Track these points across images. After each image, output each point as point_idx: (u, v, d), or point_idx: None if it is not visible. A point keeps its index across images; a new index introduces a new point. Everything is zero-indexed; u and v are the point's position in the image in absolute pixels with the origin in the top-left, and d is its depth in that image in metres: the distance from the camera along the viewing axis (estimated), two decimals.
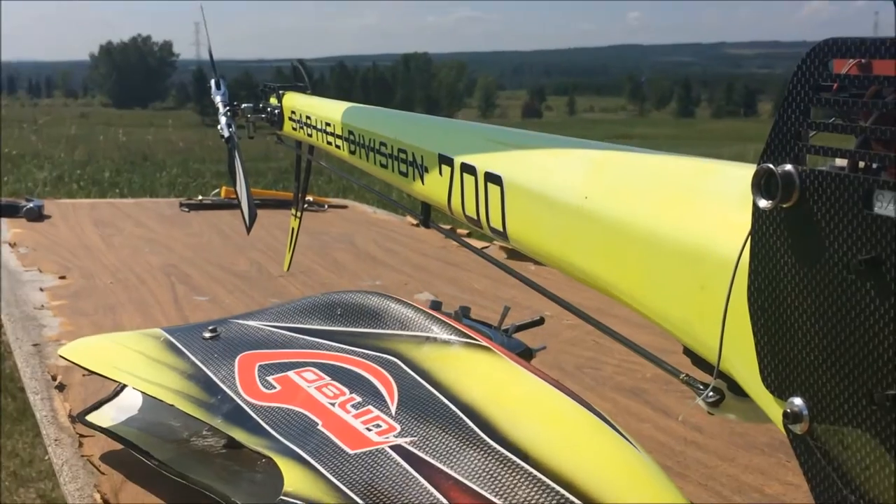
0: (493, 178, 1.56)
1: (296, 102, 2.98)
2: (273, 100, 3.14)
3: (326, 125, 2.58)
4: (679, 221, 1.11)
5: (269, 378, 1.78)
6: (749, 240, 0.96)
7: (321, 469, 1.44)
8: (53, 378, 2.68)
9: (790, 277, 0.91)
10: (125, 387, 2.17)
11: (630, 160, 1.32)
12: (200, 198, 6.89)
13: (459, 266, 4.58)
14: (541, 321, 2.32)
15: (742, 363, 1.01)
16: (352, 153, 2.34)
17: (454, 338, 1.65)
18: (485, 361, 1.57)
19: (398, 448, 1.41)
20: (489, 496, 1.26)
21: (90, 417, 2.15)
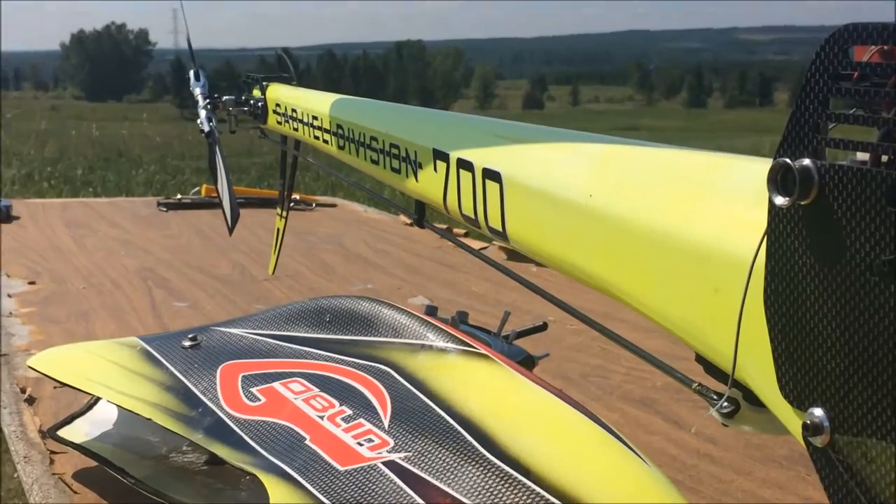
0: (492, 175, 1.56)
1: (280, 94, 2.98)
2: (256, 92, 3.14)
3: (313, 118, 2.58)
4: (690, 220, 1.11)
5: (254, 390, 1.78)
6: (765, 239, 0.96)
7: (309, 487, 1.44)
8: (22, 391, 2.68)
9: (809, 279, 0.90)
10: (99, 400, 2.16)
11: (637, 155, 1.32)
12: (179, 196, 6.88)
13: (456, 268, 4.58)
14: (543, 327, 2.32)
15: (758, 371, 1.00)
16: (340, 148, 2.34)
17: (451, 345, 1.65)
18: (484, 371, 1.56)
19: (391, 464, 1.41)
20: None
21: (62, 433, 2.15)
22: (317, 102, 2.61)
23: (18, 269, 4.36)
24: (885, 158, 0.83)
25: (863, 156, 0.86)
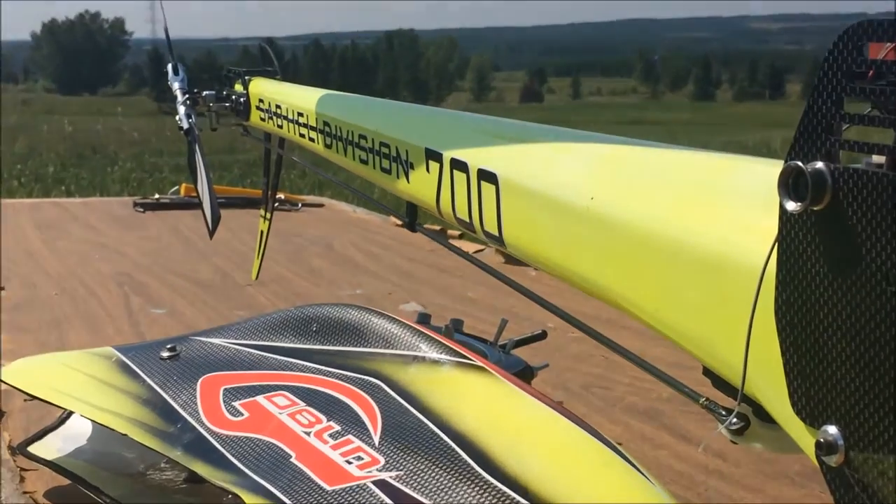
0: (488, 176, 1.55)
1: (264, 89, 2.97)
2: (238, 86, 3.14)
3: (299, 115, 2.57)
4: (697, 225, 1.11)
5: (236, 404, 1.78)
6: (776, 246, 0.96)
7: None
8: None
9: (822, 290, 0.90)
10: (72, 414, 2.16)
11: (641, 156, 1.32)
12: (157, 196, 6.89)
13: (451, 272, 4.58)
14: (543, 335, 2.32)
15: (769, 386, 1.00)
16: (328, 147, 2.34)
17: (445, 357, 1.65)
18: (479, 384, 1.56)
19: (382, 483, 1.41)
20: None
21: (33, 448, 2.14)
22: (302, 98, 2.61)
23: None
24: None
25: (879, 158, 0.86)
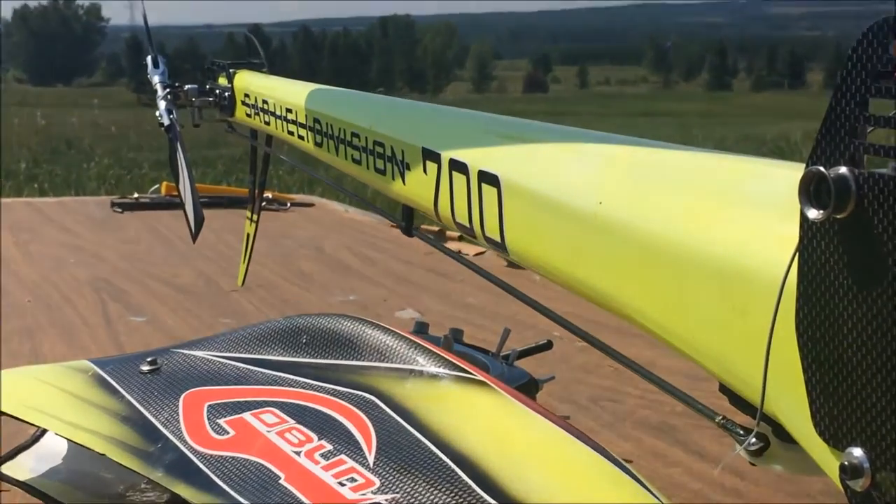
0: (489, 178, 1.56)
1: (250, 83, 2.97)
2: (222, 80, 3.14)
3: (287, 111, 2.58)
4: (712, 232, 1.11)
5: (221, 421, 1.78)
6: (796, 256, 0.96)
7: None
8: None
9: (846, 302, 0.91)
10: (46, 432, 2.16)
11: (653, 157, 1.32)
12: (136, 195, 6.89)
13: (450, 276, 4.58)
14: (548, 345, 2.32)
15: (790, 405, 1.01)
16: (318, 145, 2.34)
17: (444, 370, 1.65)
18: (481, 399, 1.56)
19: None
20: None
21: (5, 468, 2.14)
22: (291, 93, 2.61)
23: None
24: None
25: None
